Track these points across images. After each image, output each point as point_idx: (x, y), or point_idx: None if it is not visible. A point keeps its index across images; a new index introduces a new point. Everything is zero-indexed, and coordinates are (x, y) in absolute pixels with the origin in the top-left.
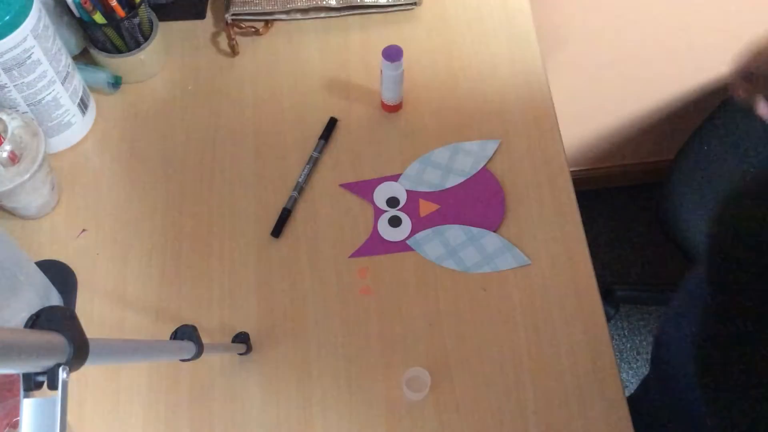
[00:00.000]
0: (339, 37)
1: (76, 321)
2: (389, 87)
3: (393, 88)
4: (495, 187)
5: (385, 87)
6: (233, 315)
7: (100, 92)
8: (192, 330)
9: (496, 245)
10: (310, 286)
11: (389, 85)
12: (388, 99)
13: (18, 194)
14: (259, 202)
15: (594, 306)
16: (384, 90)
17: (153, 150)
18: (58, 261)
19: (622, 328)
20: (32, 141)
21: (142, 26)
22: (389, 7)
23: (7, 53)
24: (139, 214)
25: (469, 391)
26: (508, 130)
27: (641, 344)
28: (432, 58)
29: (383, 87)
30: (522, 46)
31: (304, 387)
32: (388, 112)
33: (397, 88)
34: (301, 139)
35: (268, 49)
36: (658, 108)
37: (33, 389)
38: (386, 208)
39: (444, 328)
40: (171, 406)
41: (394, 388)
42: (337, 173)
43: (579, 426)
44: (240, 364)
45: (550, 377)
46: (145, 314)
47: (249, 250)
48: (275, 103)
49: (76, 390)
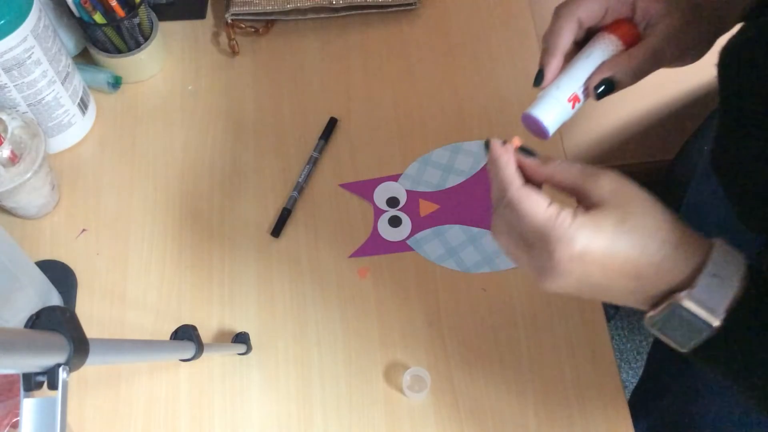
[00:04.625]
0: (339, 37)
1: (76, 321)
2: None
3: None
4: None
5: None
6: (233, 315)
7: (100, 92)
8: (192, 330)
9: (496, 245)
10: (310, 286)
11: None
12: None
13: (18, 194)
14: (259, 202)
15: (594, 306)
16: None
17: (153, 150)
18: (58, 261)
19: (622, 328)
20: (32, 141)
21: (142, 26)
22: (389, 6)
23: (7, 53)
24: (139, 214)
25: (469, 391)
26: (508, 130)
27: (641, 344)
28: (432, 58)
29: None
30: (522, 45)
31: (304, 387)
32: None
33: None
34: (301, 139)
35: (268, 49)
36: (658, 108)
37: (33, 389)
38: (386, 208)
39: (444, 328)
40: (171, 406)
41: (394, 388)
42: (337, 173)
43: (579, 426)
44: (240, 364)
45: (550, 377)
46: (145, 314)
47: (249, 250)
48: (275, 103)
49: (76, 390)
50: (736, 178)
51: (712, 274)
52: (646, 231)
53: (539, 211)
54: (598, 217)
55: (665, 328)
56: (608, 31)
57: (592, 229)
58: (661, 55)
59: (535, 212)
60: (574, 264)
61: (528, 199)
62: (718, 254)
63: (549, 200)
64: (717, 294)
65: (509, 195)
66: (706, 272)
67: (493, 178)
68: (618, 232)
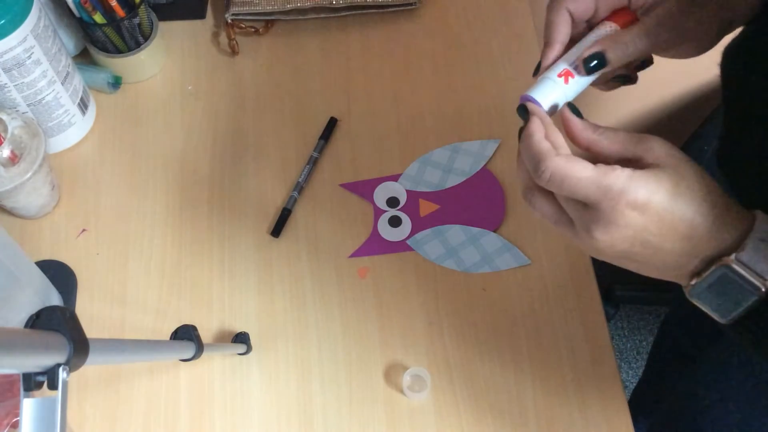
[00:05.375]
0: (339, 37)
1: (76, 321)
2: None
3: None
4: (495, 187)
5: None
6: (233, 315)
7: (100, 92)
8: (192, 330)
9: (496, 245)
10: (310, 286)
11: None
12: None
13: (18, 194)
14: (259, 202)
15: (594, 306)
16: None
17: (153, 150)
18: (58, 261)
19: (622, 328)
20: (32, 141)
21: (142, 26)
22: (389, 6)
23: (7, 53)
24: (139, 214)
25: (469, 391)
26: (508, 130)
27: (641, 344)
28: (432, 58)
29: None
30: (522, 45)
31: (304, 387)
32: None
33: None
34: (301, 139)
35: (268, 49)
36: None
37: (33, 389)
38: (386, 208)
39: (444, 328)
40: (171, 406)
41: (394, 388)
42: (337, 173)
43: (579, 425)
44: (240, 364)
45: (550, 377)
46: (145, 314)
47: (249, 250)
48: (275, 103)
49: (76, 390)
50: (744, 176)
51: (760, 238)
52: (699, 194)
53: (589, 173)
54: (658, 174)
55: (709, 296)
56: (606, 19)
57: (655, 184)
58: (655, 37)
59: (587, 174)
60: (635, 214)
61: (575, 163)
62: (763, 222)
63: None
64: (766, 258)
65: (547, 164)
66: (754, 236)
67: (524, 150)
68: (675, 192)
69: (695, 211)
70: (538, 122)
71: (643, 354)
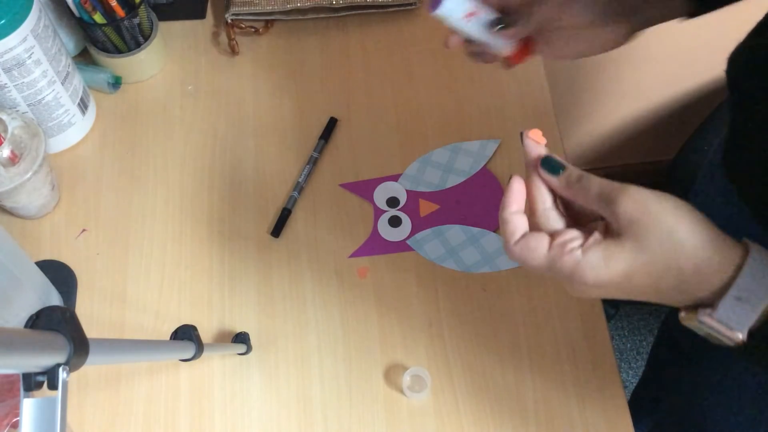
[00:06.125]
0: (339, 37)
1: (76, 321)
2: (480, 35)
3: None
4: (495, 187)
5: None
6: (233, 315)
7: (100, 92)
8: (192, 330)
9: (496, 245)
10: (310, 286)
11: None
12: (498, 48)
13: (18, 194)
14: (259, 202)
15: (594, 306)
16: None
17: (153, 150)
18: (58, 261)
19: (622, 328)
20: (32, 141)
21: (142, 26)
22: (389, 6)
23: (7, 53)
24: (139, 214)
25: (469, 391)
26: (508, 130)
27: (641, 344)
28: (432, 58)
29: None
30: None
31: (304, 387)
32: (516, 63)
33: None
34: (301, 139)
35: (268, 49)
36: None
37: (33, 389)
38: (386, 208)
39: (444, 328)
40: (171, 406)
41: (394, 388)
42: (337, 173)
43: (579, 425)
44: (240, 364)
45: (550, 377)
46: (145, 314)
47: (249, 250)
48: (275, 103)
49: (76, 390)
50: (750, 179)
51: (735, 297)
52: (661, 264)
53: (541, 260)
54: (616, 246)
55: (697, 331)
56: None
57: (604, 261)
58: (555, 13)
59: (539, 263)
60: (593, 288)
61: (530, 252)
62: (747, 273)
63: (549, 240)
64: (740, 315)
65: (509, 248)
66: (730, 294)
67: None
68: (633, 263)
69: (659, 276)
70: (514, 193)
71: (643, 354)
